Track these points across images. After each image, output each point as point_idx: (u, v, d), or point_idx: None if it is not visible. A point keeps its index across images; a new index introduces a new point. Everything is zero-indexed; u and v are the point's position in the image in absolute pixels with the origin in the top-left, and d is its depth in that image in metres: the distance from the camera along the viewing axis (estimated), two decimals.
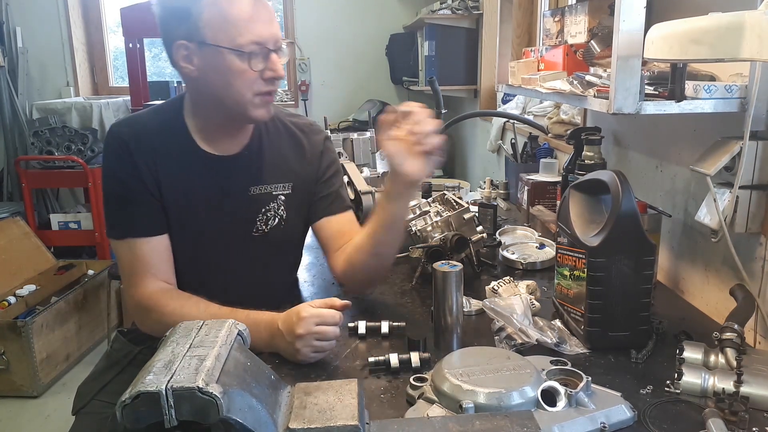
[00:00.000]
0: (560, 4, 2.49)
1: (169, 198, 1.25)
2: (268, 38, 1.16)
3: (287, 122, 1.38)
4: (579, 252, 1.11)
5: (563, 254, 1.18)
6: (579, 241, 1.11)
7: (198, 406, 0.65)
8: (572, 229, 1.13)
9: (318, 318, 1.08)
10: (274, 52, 1.18)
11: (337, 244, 1.35)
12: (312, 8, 4.52)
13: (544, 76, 1.57)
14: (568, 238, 1.15)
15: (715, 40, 0.84)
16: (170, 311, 1.18)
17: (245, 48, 1.14)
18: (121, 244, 1.24)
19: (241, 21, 1.13)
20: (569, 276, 1.15)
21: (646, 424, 0.89)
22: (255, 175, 1.31)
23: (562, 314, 1.20)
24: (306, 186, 1.37)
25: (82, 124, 3.99)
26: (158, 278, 1.23)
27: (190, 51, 1.17)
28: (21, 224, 3.59)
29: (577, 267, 1.12)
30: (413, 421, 0.80)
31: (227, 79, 1.16)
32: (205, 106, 1.25)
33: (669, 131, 1.51)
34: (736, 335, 0.97)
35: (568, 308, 1.18)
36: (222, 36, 1.13)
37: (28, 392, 2.88)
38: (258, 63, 1.16)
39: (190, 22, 1.14)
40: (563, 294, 1.19)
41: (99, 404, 1.34)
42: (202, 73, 1.18)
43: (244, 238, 1.32)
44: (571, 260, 1.14)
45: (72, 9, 4.35)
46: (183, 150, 1.26)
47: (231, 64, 1.15)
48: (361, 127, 3.74)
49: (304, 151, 1.37)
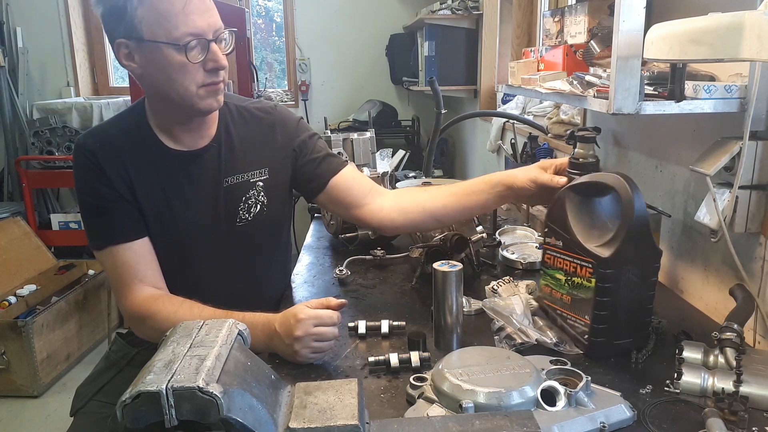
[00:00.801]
0: (560, 5, 2.49)
1: (144, 200, 1.25)
2: (204, 29, 1.14)
3: (251, 108, 1.38)
4: (582, 260, 1.08)
5: (556, 257, 1.16)
6: (583, 248, 1.08)
7: (198, 405, 0.65)
8: (571, 233, 1.11)
9: (316, 319, 1.08)
10: (213, 42, 1.16)
11: (362, 193, 1.37)
12: (312, 8, 4.52)
13: (544, 77, 1.57)
14: (565, 242, 1.13)
15: (715, 41, 0.84)
16: (164, 317, 1.17)
17: (181, 41, 1.13)
18: (105, 254, 1.24)
19: (174, 14, 1.12)
20: (564, 282, 1.13)
21: (646, 423, 0.89)
22: (227, 165, 1.31)
23: (554, 318, 1.18)
24: (283, 168, 1.37)
25: (82, 124, 3.98)
26: (146, 284, 1.23)
27: (130, 49, 1.16)
28: (21, 224, 3.59)
29: (577, 274, 1.10)
30: (413, 421, 0.80)
31: (169, 73, 1.16)
32: (158, 103, 1.26)
33: (669, 131, 1.51)
34: (736, 335, 0.97)
35: (562, 313, 1.15)
36: (158, 31, 1.13)
37: (29, 392, 2.88)
38: (196, 55, 1.15)
39: (126, 20, 1.13)
40: (554, 298, 1.17)
41: (97, 405, 1.35)
42: (144, 69, 1.18)
43: (229, 229, 1.32)
44: (569, 266, 1.12)
45: (72, 9, 4.35)
46: (150, 151, 1.26)
47: (170, 59, 1.14)
48: (361, 127, 3.74)
49: (274, 134, 1.36)
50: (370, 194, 1.38)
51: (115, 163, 1.23)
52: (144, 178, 1.25)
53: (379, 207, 1.37)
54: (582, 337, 1.10)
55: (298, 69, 4.59)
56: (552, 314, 1.19)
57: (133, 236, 1.24)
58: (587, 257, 1.07)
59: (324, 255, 1.81)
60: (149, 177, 1.26)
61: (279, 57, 4.87)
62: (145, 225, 1.26)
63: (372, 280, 1.55)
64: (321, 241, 1.94)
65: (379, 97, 4.49)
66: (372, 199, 1.37)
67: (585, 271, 1.08)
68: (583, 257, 1.08)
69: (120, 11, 1.13)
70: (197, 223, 1.29)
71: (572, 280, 1.11)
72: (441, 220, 1.38)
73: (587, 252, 1.07)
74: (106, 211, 1.23)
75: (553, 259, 1.16)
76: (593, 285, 1.06)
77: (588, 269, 1.07)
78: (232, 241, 1.33)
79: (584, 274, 1.08)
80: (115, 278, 1.25)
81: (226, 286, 1.31)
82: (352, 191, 1.36)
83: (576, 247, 1.10)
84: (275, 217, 1.39)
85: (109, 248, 1.23)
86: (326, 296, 1.18)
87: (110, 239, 1.23)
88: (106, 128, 1.31)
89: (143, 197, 1.25)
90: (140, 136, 1.27)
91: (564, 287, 1.14)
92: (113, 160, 1.23)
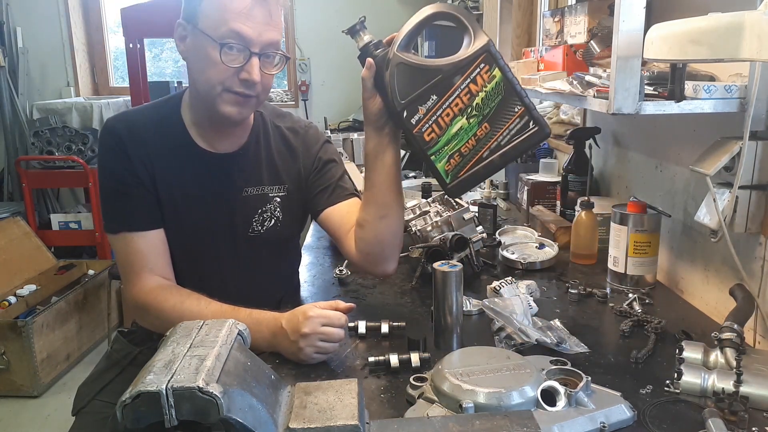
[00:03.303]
0: (560, 5, 2.48)
1: (163, 192, 1.25)
2: (252, 37, 1.13)
3: (282, 128, 1.37)
4: (469, 75, 1.00)
5: (439, 117, 1.03)
6: (465, 62, 1.00)
7: (198, 405, 0.65)
8: (436, 70, 1.01)
9: (324, 319, 1.08)
10: (256, 56, 1.15)
11: (346, 228, 1.32)
12: (312, 8, 4.52)
13: (544, 77, 1.57)
14: (437, 89, 1.02)
15: (715, 41, 0.84)
16: (170, 307, 1.18)
17: (222, 39, 1.12)
18: (118, 239, 1.24)
19: (230, 13, 1.12)
20: (469, 119, 1.02)
21: (646, 423, 0.89)
22: (251, 175, 1.31)
23: (480, 164, 1.04)
24: (300, 189, 1.36)
25: (82, 124, 3.98)
26: (156, 273, 1.23)
27: (186, 31, 1.18)
28: (21, 224, 3.59)
29: (474, 92, 1.00)
30: (413, 421, 0.80)
31: (202, 65, 1.16)
32: (194, 96, 1.26)
33: (669, 131, 1.51)
34: (736, 335, 0.97)
35: (491, 149, 1.03)
36: (208, 23, 1.13)
37: (29, 392, 2.88)
38: (231, 58, 1.13)
39: (193, 4, 1.15)
40: (469, 152, 1.03)
41: (99, 404, 1.34)
42: (188, 54, 1.20)
43: (240, 237, 1.32)
44: (460, 101, 1.01)
45: (72, 9, 4.35)
46: (178, 145, 1.26)
47: (208, 52, 1.14)
48: (361, 127, 3.73)
49: (297, 154, 1.36)
50: (351, 231, 1.30)
51: (141, 150, 1.23)
52: (167, 170, 1.25)
53: (352, 243, 1.29)
54: (529, 127, 1.01)
55: (298, 69, 4.59)
56: (478, 170, 1.05)
57: (149, 225, 1.24)
58: (473, 63, 0.99)
59: (324, 255, 1.81)
60: (172, 170, 1.25)
61: None
62: (162, 217, 1.26)
63: (372, 280, 1.55)
64: (321, 241, 1.94)
65: None
66: (352, 234, 1.30)
67: (481, 77, 0.98)
68: (468, 71, 0.99)
69: None
70: (211, 225, 1.29)
71: (476, 105, 1.00)
72: (364, 225, 1.25)
73: (470, 60, 0.99)
74: (125, 197, 1.23)
75: (438, 123, 1.03)
76: (498, 74, 0.98)
77: (483, 70, 0.98)
78: (242, 248, 1.33)
79: (483, 79, 0.98)
80: (125, 264, 1.25)
81: (231, 287, 1.31)
82: (341, 224, 1.32)
83: (453, 71, 1.01)
84: (288, 231, 1.39)
85: (123, 234, 1.23)
86: (326, 296, 1.18)
87: (125, 225, 1.23)
88: (137, 115, 1.31)
89: (163, 189, 1.25)
90: (170, 128, 1.27)
91: (472, 125, 1.02)
92: (139, 147, 1.23)
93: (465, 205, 1.62)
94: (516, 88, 1.01)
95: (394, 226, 1.24)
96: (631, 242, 1.40)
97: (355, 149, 2.15)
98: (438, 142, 1.04)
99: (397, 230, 1.25)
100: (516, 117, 1.00)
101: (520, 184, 2.25)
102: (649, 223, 1.40)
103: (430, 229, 1.56)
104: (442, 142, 1.04)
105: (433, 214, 1.64)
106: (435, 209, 1.67)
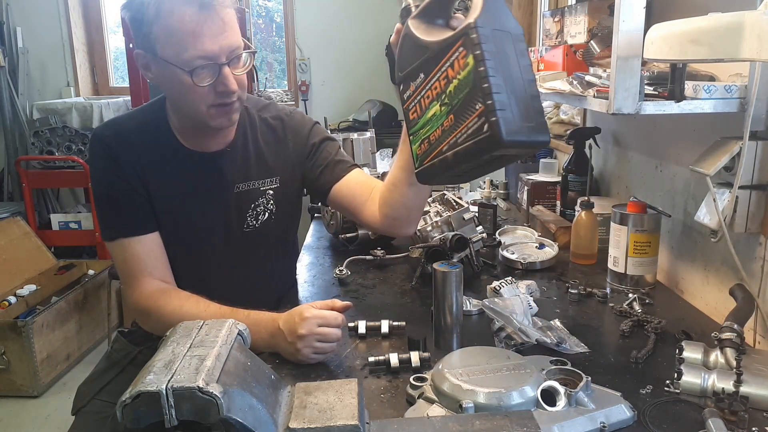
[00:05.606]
0: (560, 5, 2.49)
1: (156, 196, 1.26)
2: (216, 52, 1.12)
3: (266, 117, 1.37)
4: (449, 57, 0.88)
5: (421, 98, 0.94)
6: (448, 42, 0.88)
7: (198, 405, 0.65)
8: (425, 45, 0.91)
9: (321, 319, 1.08)
10: (226, 65, 1.14)
11: (363, 197, 1.33)
12: (312, 8, 4.52)
13: (544, 77, 1.57)
14: (422, 65, 0.93)
15: (715, 41, 0.84)
16: (170, 311, 1.18)
17: (190, 65, 1.11)
18: (115, 246, 1.25)
19: (185, 36, 1.10)
20: (442, 105, 0.91)
21: (646, 423, 0.89)
22: (241, 171, 1.32)
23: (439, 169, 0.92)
24: (294, 177, 1.37)
25: (82, 125, 3.98)
26: (155, 277, 1.24)
27: (147, 60, 1.17)
28: (21, 224, 3.59)
29: (451, 77, 0.88)
30: (413, 421, 0.80)
31: (179, 91, 1.16)
32: (177, 110, 1.26)
33: (669, 131, 1.51)
34: (736, 335, 0.97)
35: (450, 145, 0.90)
36: (168, 51, 1.12)
37: (29, 392, 2.88)
38: (204, 79, 1.13)
39: (143, 33, 1.13)
40: (437, 141, 0.92)
41: (99, 404, 1.35)
42: (159, 81, 1.20)
43: (236, 234, 1.33)
44: (438, 84, 0.91)
45: (72, 9, 4.35)
46: (166, 148, 1.27)
47: (181, 79, 1.13)
48: (361, 127, 3.74)
49: (286, 142, 1.36)
50: (371, 197, 1.34)
51: (131, 155, 1.24)
52: (158, 173, 1.26)
53: (375, 208, 1.33)
54: (483, 131, 0.85)
55: (298, 69, 4.59)
56: (435, 164, 0.93)
57: (144, 230, 1.25)
58: (454, 44, 0.87)
59: (324, 255, 1.81)
60: (163, 173, 1.26)
61: (279, 57, 4.87)
62: (156, 220, 1.26)
63: (372, 280, 1.55)
64: (321, 241, 1.94)
65: (379, 97, 4.48)
66: (373, 201, 1.33)
67: (458, 62, 0.88)
68: (449, 53, 0.88)
69: (139, 23, 1.13)
70: (205, 223, 1.30)
71: (449, 92, 0.90)
72: (393, 190, 1.24)
73: (452, 41, 0.88)
74: (118, 203, 1.24)
75: (420, 103, 0.96)
76: (471, 62, 0.85)
77: (461, 55, 0.86)
78: (239, 244, 1.34)
79: (459, 65, 0.88)
80: (124, 270, 1.26)
81: (230, 285, 1.31)
82: (355, 197, 1.34)
83: (437, 51, 0.90)
84: (283, 224, 1.40)
85: (120, 240, 1.24)
86: (326, 296, 1.18)
87: (121, 231, 1.24)
88: (125, 120, 1.31)
89: (156, 192, 1.26)
90: (158, 132, 1.27)
91: (443, 113, 0.92)
92: (128, 153, 1.24)
93: (465, 205, 1.62)
94: (483, 83, 0.84)
95: (423, 192, 1.27)
96: (631, 242, 1.41)
97: (355, 149, 2.15)
98: (417, 123, 0.96)
99: (425, 196, 1.30)
100: (474, 116, 0.86)
101: (520, 184, 2.25)
102: (649, 223, 1.40)
103: (430, 229, 1.56)
104: (420, 125, 0.96)
105: (433, 214, 1.64)
106: (435, 209, 1.67)
